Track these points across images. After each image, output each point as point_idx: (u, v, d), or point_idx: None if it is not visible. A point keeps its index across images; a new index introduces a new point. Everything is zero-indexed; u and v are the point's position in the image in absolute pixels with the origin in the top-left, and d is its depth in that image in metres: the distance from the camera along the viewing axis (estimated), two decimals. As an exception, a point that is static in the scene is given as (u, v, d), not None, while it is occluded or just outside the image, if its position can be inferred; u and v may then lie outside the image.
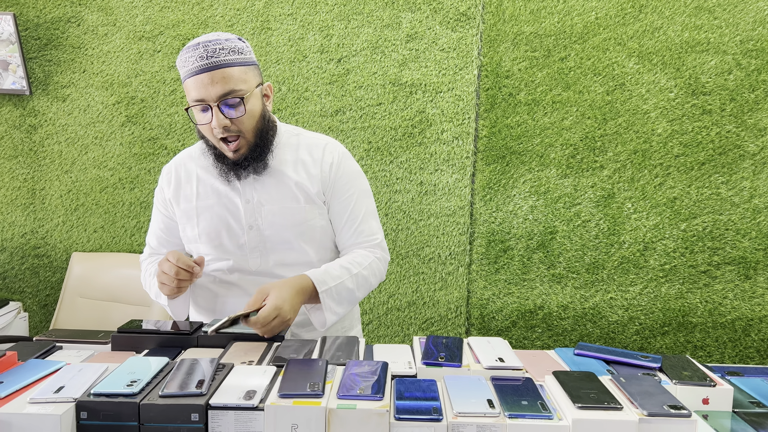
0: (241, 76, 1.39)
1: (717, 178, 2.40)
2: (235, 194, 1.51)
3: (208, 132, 1.43)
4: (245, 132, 1.42)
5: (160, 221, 1.62)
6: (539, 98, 2.44)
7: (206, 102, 1.37)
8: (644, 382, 1.07)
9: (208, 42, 1.37)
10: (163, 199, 1.60)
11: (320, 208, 1.53)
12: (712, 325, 2.46)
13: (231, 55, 1.38)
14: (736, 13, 2.34)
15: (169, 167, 1.60)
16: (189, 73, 1.37)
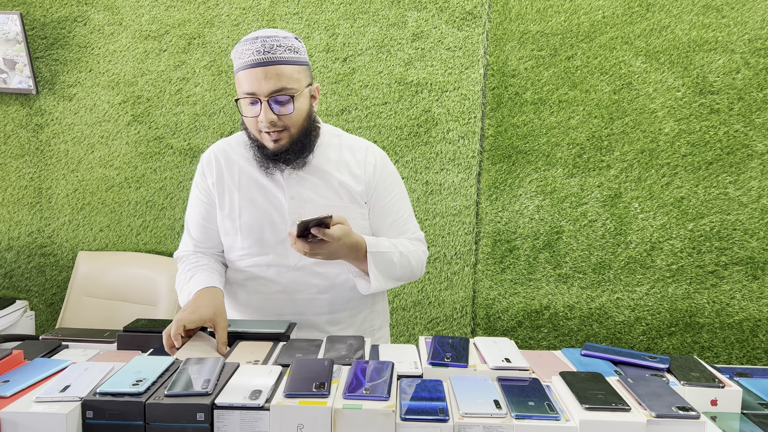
0: (294, 74, 1.40)
1: (725, 177, 2.38)
2: (278, 189, 1.51)
3: (253, 125, 1.44)
4: (292, 126, 1.43)
5: (201, 209, 1.59)
6: (545, 97, 2.43)
7: (257, 96, 1.38)
8: (652, 383, 1.06)
9: (266, 37, 1.38)
10: (205, 187, 1.58)
11: (361, 208, 1.54)
12: (720, 325, 2.44)
13: (287, 53, 1.40)
14: (744, 12, 2.33)
15: (209, 155, 1.59)
16: (243, 65, 1.39)
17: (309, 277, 1.52)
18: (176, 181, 2.58)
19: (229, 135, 2.52)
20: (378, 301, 1.67)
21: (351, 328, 1.60)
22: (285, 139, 1.44)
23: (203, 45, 2.52)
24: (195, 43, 2.52)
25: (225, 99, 2.53)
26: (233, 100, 2.46)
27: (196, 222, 1.60)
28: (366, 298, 1.61)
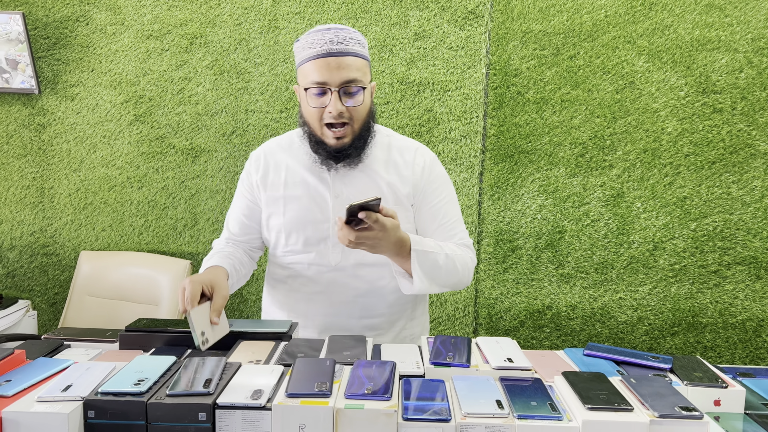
0: (363, 68, 1.42)
1: (728, 177, 2.38)
2: (324, 187, 1.51)
3: (316, 116, 1.42)
4: (355, 122, 1.43)
5: (244, 206, 1.60)
6: (548, 97, 2.43)
7: (327, 86, 1.38)
8: (655, 383, 1.06)
9: (339, 29, 1.40)
10: (249, 184, 1.59)
11: (407, 211, 1.52)
12: (723, 325, 2.44)
13: (357, 47, 1.41)
14: (747, 11, 2.32)
15: (258, 153, 1.60)
16: (315, 54, 1.38)
17: (348, 278, 1.51)
18: (178, 180, 2.58)
19: (231, 135, 2.53)
20: (418, 309, 1.64)
21: (388, 335, 1.57)
22: (348, 135, 1.43)
23: (205, 45, 2.52)
24: (197, 43, 2.52)
25: (227, 99, 2.53)
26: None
27: (237, 217, 1.62)
28: (406, 306, 1.58)
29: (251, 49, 2.51)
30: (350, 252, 1.49)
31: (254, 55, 2.51)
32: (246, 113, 2.53)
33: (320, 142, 1.46)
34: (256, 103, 2.53)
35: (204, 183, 2.58)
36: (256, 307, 2.62)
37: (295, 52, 1.47)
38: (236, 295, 2.62)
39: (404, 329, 1.60)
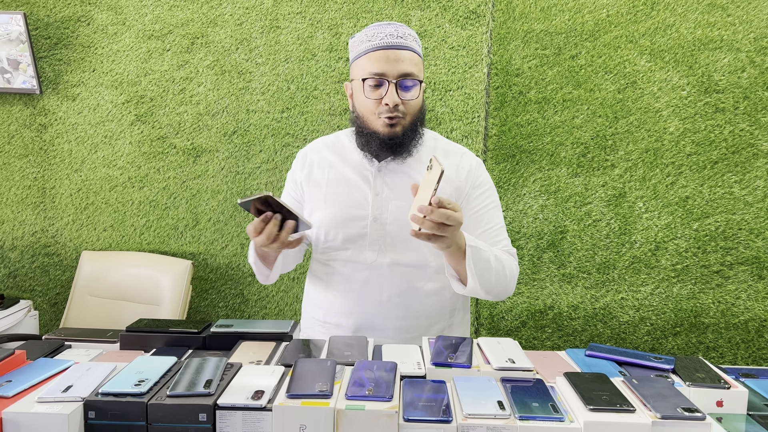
0: (419, 64, 1.46)
1: (730, 177, 2.37)
2: (365, 185, 1.52)
3: (371, 108, 1.44)
4: (408, 116, 1.45)
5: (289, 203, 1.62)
6: (549, 96, 2.42)
7: (386, 77, 1.40)
8: (657, 384, 1.05)
9: (398, 25, 1.44)
10: (294, 181, 1.62)
11: None
12: (725, 326, 2.43)
13: (414, 44, 1.46)
14: (749, 11, 2.31)
15: (305, 151, 1.64)
16: (375, 46, 1.41)
17: (383, 278, 1.50)
18: (179, 180, 2.58)
19: (232, 135, 2.53)
20: (457, 315, 1.60)
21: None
22: (400, 126, 1.44)
23: (206, 45, 2.52)
24: (198, 43, 2.52)
25: (228, 98, 2.53)
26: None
27: None
28: (443, 311, 1.56)
29: (252, 49, 2.51)
30: (387, 250, 1.49)
31: (255, 55, 2.51)
32: (247, 113, 2.53)
33: (371, 134, 1.46)
34: (258, 103, 2.53)
35: (205, 183, 2.58)
36: (258, 306, 2.62)
37: (351, 48, 1.50)
38: (237, 295, 2.62)
39: (442, 333, 1.56)
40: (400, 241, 1.49)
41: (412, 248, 1.49)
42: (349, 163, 1.55)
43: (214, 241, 2.60)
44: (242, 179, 2.55)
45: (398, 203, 1.49)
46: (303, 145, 2.51)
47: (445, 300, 1.55)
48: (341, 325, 1.55)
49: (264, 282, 1.58)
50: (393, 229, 1.49)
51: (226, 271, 2.61)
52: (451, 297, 1.56)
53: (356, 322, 1.53)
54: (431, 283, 1.51)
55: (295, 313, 2.60)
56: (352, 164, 1.55)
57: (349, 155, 1.56)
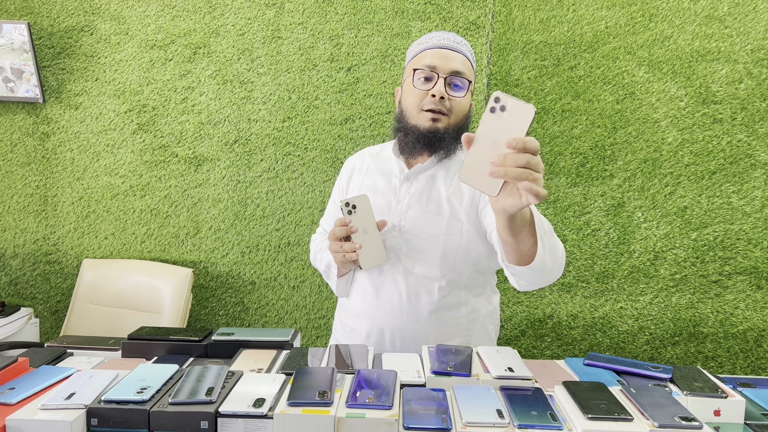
0: (470, 68, 1.52)
1: (728, 187, 2.38)
2: (390, 193, 1.55)
3: (417, 100, 1.47)
4: (453, 114, 1.48)
5: (332, 210, 1.74)
6: (549, 107, 2.44)
7: (437, 71, 1.45)
8: (655, 394, 1.06)
9: (456, 35, 1.53)
10: (338, 188, 1.70)
11: (464, 226, 1.48)
12: (724, 335, 2.44)
13: (469, 54, 1.53)
14: (747, 22, 2.34)
15: (351, 159, 1.72)
16: (433, 45, 1.49)
17: (395, 284, 1.51)
18: (181, 189, 2.59)
19: (233, 144, 2.55)
20: (476, 331, 1.57)
21: None
22: (443, 123, 1.47)
23: (209, 54, 2.54)
24: (200, 53, 2.54)
25: (230, 108, 2.55)
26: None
27: (328, 218, 1.76)
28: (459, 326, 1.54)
29: (254, 59, 2.53)
30: (402, 258, 1.51)
31: (257, 64, 2.53)
32: (248, 122, 2.55)
33: (412, 128, 1.49)
34: (259, 112, 2.54)
35: (206, 192, 2.59)
36: (258, 315, 2.63)
37: (408, 53, 1.57)
38: (238, 303, 2.62)
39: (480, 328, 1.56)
40: (414, 251, 1.50)
41: (426, 260, 1.50)
42: (384, 171, 1.60)
43: (214, 250, 2.61)
44: (243, 188, 2.57)
45: (416, 212, 1.50)
46: (304, 154, 2.53)
47: (462, 316, 1.53)
48: (356, 329, 1.58)
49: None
50: (409, 238, 1.50)
51: (226, 280, 2.62)
52: (469, 313, 1.55)
53: (369, 327, 1.55)
54: (443, 295, 1.50)
55: (295, 321, 2.61)
56: (385, 172, 1.59)
57: (386, 164, 1.61)
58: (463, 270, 1.51)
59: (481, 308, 1.58)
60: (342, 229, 1.41)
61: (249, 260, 2.60)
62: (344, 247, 1.41)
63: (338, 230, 1.42)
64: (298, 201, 2.55)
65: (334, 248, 1.45)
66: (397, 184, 1.55)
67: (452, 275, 1.51)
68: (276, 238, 2.57)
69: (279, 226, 2.57)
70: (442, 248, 1.48)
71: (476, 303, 1.56)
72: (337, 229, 1.42)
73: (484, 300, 1.60)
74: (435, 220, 1.49)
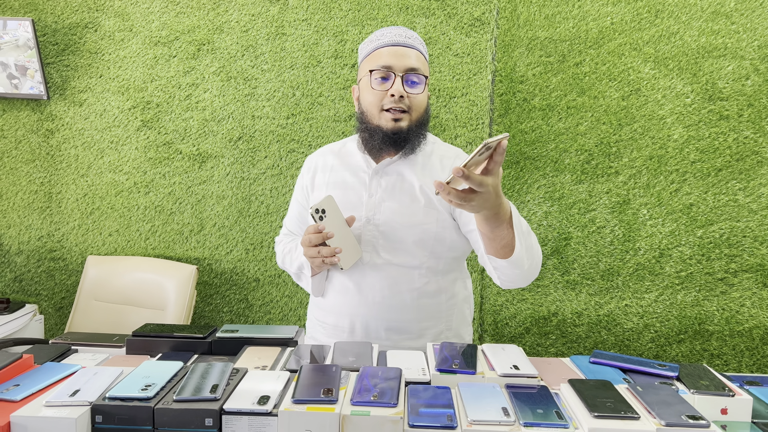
0: (425, 63, 1.53)
1: (734, 184, 2.37)
2: (361, 187, 1.55)
3: (376, 101, 1.49)
4: (413, 111, 1.50)
5: (296, 210, 1.73)
6: (554, 103, 2.43)
7: (393, 70, 1.47)
8: (662, 392, 1.06)
9: (406, 29, 1.54)
10: (301, 187, 1.69)
11: (440, 215, 1.51)
12: (729, 333, 2.43)
13: (421, 46, 1.54)
14: (753, 18, 2.32)
15: (311, 156, 1.71)
16: (384, 44, 1.50)
17: (377, 278, 1.51)
18: (185, 186, 2.59)
19: (237, 140, 2.54)
20: (456, 315, 1.60)
21: (420, 341, 1.53)
22: (405, 121, 1.49)
23: (212, 51, 2.54)
24: (204, 49, 2.54)
25: (234, 105, 2.55)
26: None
27: (293, 218, 1.75)
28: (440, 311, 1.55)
29: (258, 56, 2.52)
30: (380, 250, 1.51)
31: (261, 61, 2.52)
32: (253, 119, 2.55)
33: (375, 129, 1.50)
34: (263, 109, 2.54)
35: (210, 188, 2.59)
36: (262, 312, 2.63)
37: (360, 50, 1.57)
38: (242, 300, 2.62)
39: (439, 339, 1.56)
40: (392, 242, 1.51)
41: (405, 249, 1.51)
42: (350, 166, 1.60)
43: (218, 247, 2.61)
44: (247, 185, 2.57)
45: (390, 204, 1.51)
46: (308, 151, 2.52)
47: (441, 301, 1.56)
48: (338, 326, 1.56)
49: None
50: (386, 230, 1.51)
51: (230, 276, 2.62)
52: (448, 299, 1.57)
53: (351, 323, 1.54)
54: (423, 282, 1.52)
55: (299, 318, 2.60)
56: (351, 167, 1.59)
57: (351, 159, 1.61)
58: (441, 256, 1.54)
59: (459, 293, 1.61)
60: (317, 236, 1.41)
61: (253, 257, 2.59)
62: (322, 252, 1.41)
63: (313, 238, 1.41)
64: (302, 198, 2.55)
65: (310, 254, 1.44)
66: (366, 179, 1.55)
67: (430, 262, 1.52)
68: (280, 235, 2.57)
69: (283, 224, 2.57)
70: (420, 237, 1.50)
71: (454, 288, 1.60)
72: (313, 236, 1.41)
73: (461, 285, 1.63)
74: (411, 210, 1.50)
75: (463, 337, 1.64)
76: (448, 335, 1.58)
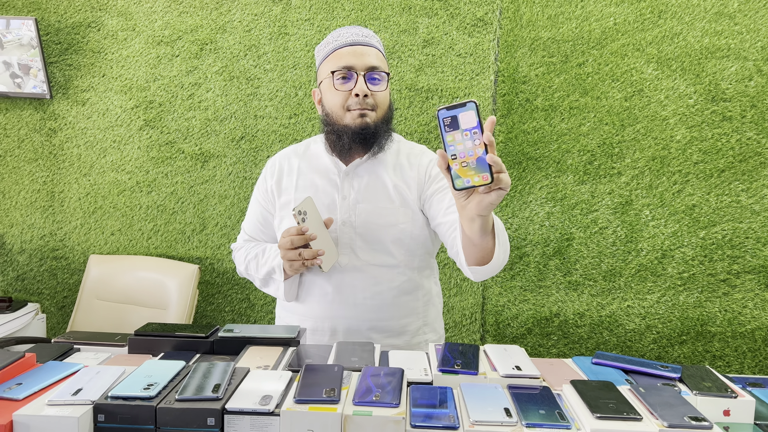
0: (384, 62, 1.54)
1: (737, 185, 2.37)
2: (333, 190, 1.55)
3: (340, 102, 1.49)
4: (378, 109, 1.50)
5: (258, 213, 1.68)
6: (556, 104, 2.43)
7: (354, 69, 1.47)
8: (664, 393, 1.05)
9: (360, 28, 1.55)
10: (264, 190, 1.65)
11: (414, 214, 1.53)
12: (732, 334, 2.42)
13: (379, 45, 1.56)
14: (757, 19, 2.32)
15: (274, 159, 1.67)
16: (343, 44, 1.50)
17: (357, 280, 1.52)
18: (187, 185, 2.60)
19: (240, 140, 2.55)
20: (431, 313, 1.64)
21: (400, 339, 1.56)
22: (371, 119, 1.49)
23: (215, 51, 2.54)
24: (207, 49, 2.54)
25: (236, 104, 2.55)
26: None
27: (253, 222, 1.70)
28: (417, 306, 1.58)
29: (261, 56, 2.53)
30: (359, 252, 1.52)
31: (264, 61, 2.53)
32: (255, 119, 2.55)
33: (342, 129, 1.50)
34: (266, 108, 2.54)
35: (213, 188, 2.59)
36: (264, 311, 2.63)
37: (318, 53, 1.56)
38: (243, 299, 2.63)
39: (417, 335, 1.59)
40: (370, 242, 1.51)
41: (383, 249, 1.52)
42: (318, 169, 1.58)
43: (221, 246, 2.61)
44: (249, 184, 2.57)
45: (366, 206, 1.52)
46: (310, 150, 2.52)
47: (418, 298, 1.58)
48: (318, 329, 1.56)
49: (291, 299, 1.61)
50: (363, 232, 1.51)
51: (232, 276, 2.62)
52: (424, 294, 1.60)
53: (332, 325, 1.54)
54: (402, 280, 1.54)
55: (301, 318, 2.60)
56: (320, 170, 1.58)
57: (318, 161, 1.60)
58: (416, 254, 1.56)
59: (432, 288, 1.64)
60: (300, 238, 1.39)
61: (255, 257, 2.59)
62: (304, 255, 1.40)
63: (296, 239, 1.39)
64: (305, 198, 2.55)
65: (290, 257, 1.42)
66: (338, 181, 1.55)
67: (407, 260, 1.54)
68: (282, 235, 2.57)
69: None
70: (397, 236, 1.51)
71: (427, 284, 1.62)
72: (296, 238, 1.39)
73: (432, 281, 1.66)
74: (387, 211, 1.51)
75: (438, 331, 1.67)
76: (425, 330, 1.60)
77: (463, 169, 1.05)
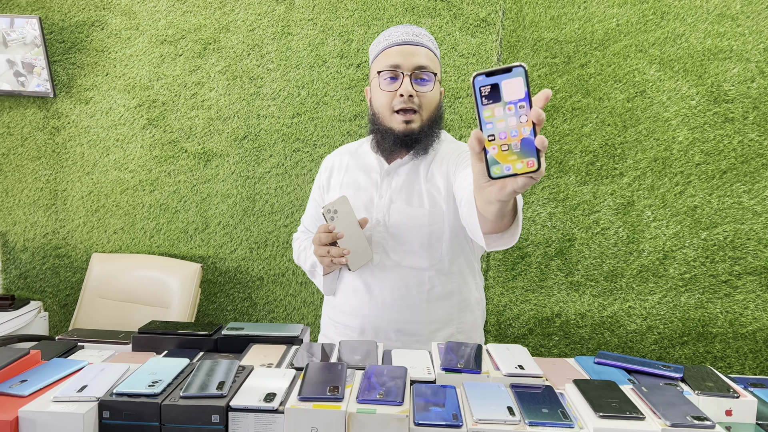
0: (434, 60, 1.51)
1: (739, 186, 2.37)
2: (372, 188, 1.56)
3: (387, 102, 1.48)
4: (424, 109, 1.48)
5: (313, 208, 1.74)
6: (559, 105, 2.43)
7: (401, 69, 1.46)
8: (667, 393, 1.06)
9: (415, 26, 1.53)
10: (318, 186, 1.70)
11: (446, 214, 1.50)
12: (733, 335, 2.42)
13: (430, 44, 1.53)
14: (759, 21, 2.32)
15: (329, 156, 1.71)
16: (392, 43, 1.49)
17: (387, 278, 1.52)
18: (190, 184, 2.60)
19: (242, 139, 2.55)
20: (467, 319, 1.58)
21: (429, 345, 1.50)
22: (416, 122, 1.48)
23: (218, 50, 2.54)
24: (210, 48, 2.55)
25: (239, 104, 2.55)
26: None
27: (309, 216, 1.76)
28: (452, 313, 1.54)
29: (264, 55, 2.53)
30: (389, 252, 1.51)
31: (267, 60, 2.53)
32: (258, 118, 2.55)
33: (387, 130, 1.50)
34: (268, 108, 2.54)
35: (215, 187, 2.59)
36: (266, 310, 2.63)
37: (371, 51, 1.56)
38: (246, 298, 2.63)
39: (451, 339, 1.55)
40: (401, 244, 1.51)
41: (414, 251, 1.51)
42: (363, 167, 1.60)
43: (223, 245, 2.62)
44: (252, 183, 2.57)
45: (399, 206, 1.51)
46: (313, 150, 2.53)
47: (452, 305, 1.55)
48: (348, 325, 1.57)
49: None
50: (395, 232, 1.51)
51: (234, 275, 2.63)
52: (460, 301, 1.56)
53: (361, 324, 1.54)
54: (433, 285, 1.51)
55: (303, 317, 2.61)
56: (365, 168, 1.59)
57: (365, 159, 1.61)
58: (450, 258, 1.53)
59: (470, 296, 1.59)
60: (327, 236, 1.42)
61: (257, 256, 2.60)
62: (331, 252, 1.42)
63: (323, 237, 1.42)
64: (307, 197, 2.55)
65: (320, 253, 1.45)
66: (378, 179, 1.56)
67: (440, 265, 1.52)
68: (284, 234, 2.58)
69: (287, 222, 2.57)
70: (428, 239, 1.50)
71: (465, 291, 1.58)
72: (323, 236, 1.42)
73: (472, 287, 1.61)
74: (418, 213, 1.50)
75: (473, 340, 1.61)
76: (459, 338, 1.56)
77: (503, 154, 0.82)
